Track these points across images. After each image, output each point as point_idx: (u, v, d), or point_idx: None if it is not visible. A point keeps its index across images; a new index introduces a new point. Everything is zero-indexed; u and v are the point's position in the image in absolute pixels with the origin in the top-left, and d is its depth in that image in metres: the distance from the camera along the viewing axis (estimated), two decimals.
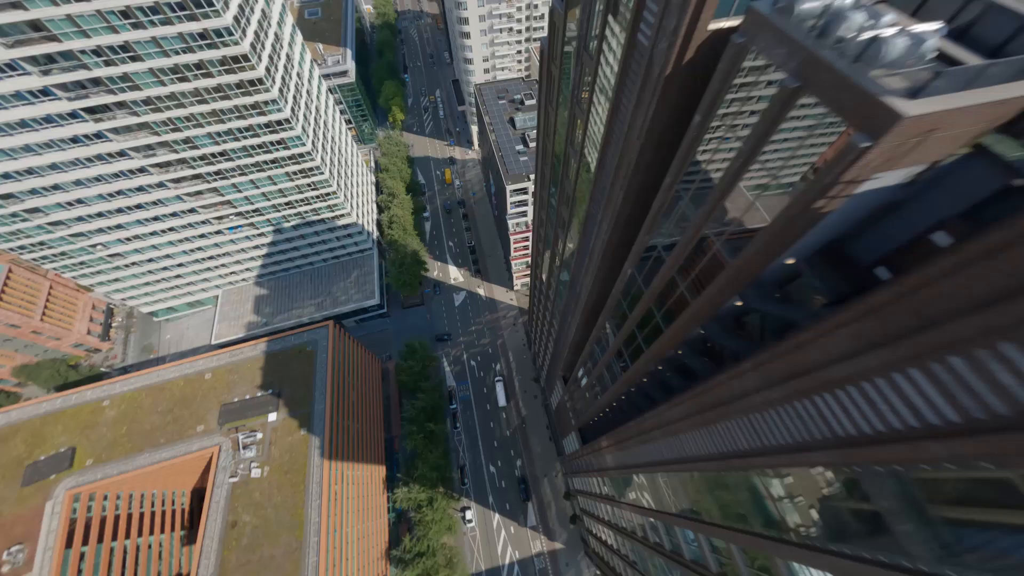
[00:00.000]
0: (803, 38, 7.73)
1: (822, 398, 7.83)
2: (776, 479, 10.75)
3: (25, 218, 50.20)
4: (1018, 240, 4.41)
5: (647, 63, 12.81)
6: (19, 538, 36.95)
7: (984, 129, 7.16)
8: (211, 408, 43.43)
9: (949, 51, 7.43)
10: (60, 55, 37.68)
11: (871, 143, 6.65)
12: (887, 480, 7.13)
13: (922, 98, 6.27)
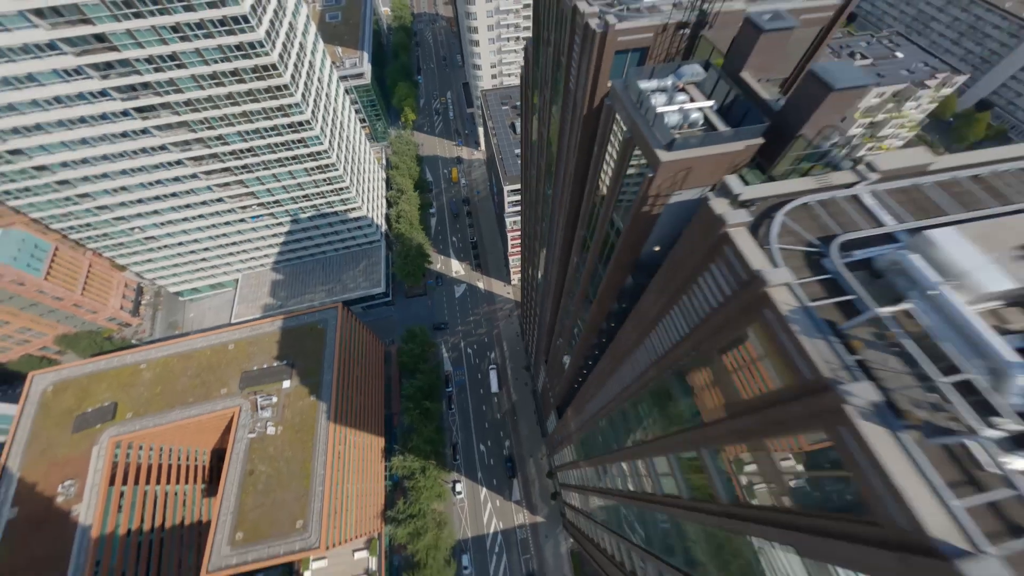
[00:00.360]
0: (631, 108, 12.63)
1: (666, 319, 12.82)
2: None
3: (76, 202, 56.85)
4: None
5: (572, 103, 17.78)
6: (71, 475, 43.32)
7: (730, 166, 11.97)
8: (233, 374, 49.38)
9: (713, 120, 12.24)
10: (118, 62, 43.75)
11: (652, 174, 11.56)
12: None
13: (673, 150, 11.14)
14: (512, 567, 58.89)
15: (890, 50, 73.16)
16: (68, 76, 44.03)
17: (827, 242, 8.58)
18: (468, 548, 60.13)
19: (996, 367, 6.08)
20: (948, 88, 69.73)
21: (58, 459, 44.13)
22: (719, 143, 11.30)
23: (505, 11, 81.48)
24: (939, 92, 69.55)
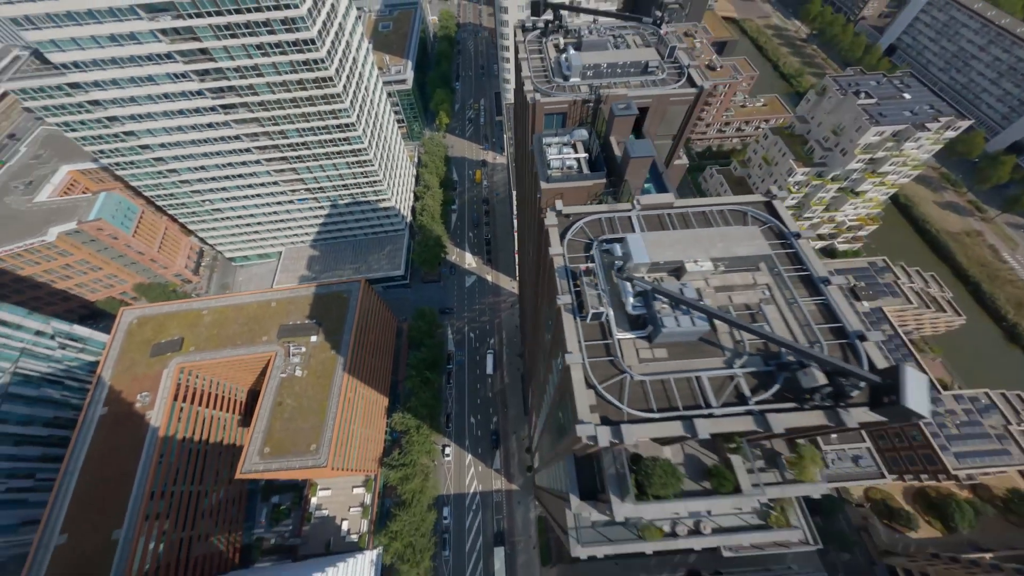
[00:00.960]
0: (537, 153, 20.76)
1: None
2: None
3: (165, 175, 70.15)
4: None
5: (525, 147, 26.01)
6: (146, 389, 55.39)
7: (590, 195, 19.87)
8: (273, 326, 60.38)
9: (583, 166, 20.16)
10: (214, 70, 55.60)
11: (539, 195, 19.74)
12: None
13: (549, 183, 19.26)
14: (485, 524, 67.08)
15: (899, 90, 76.00)
16: (176, 78, 56.28)
17: (596, 237, 16.47)
18: (450, 502, 68.85)
19: (626, 292, 13.98)
20: (951, 132, 71.92)
21: (138, 375, 56.41)
22: (578, 180, 19.28)
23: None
24: (942, 135, 71.94)
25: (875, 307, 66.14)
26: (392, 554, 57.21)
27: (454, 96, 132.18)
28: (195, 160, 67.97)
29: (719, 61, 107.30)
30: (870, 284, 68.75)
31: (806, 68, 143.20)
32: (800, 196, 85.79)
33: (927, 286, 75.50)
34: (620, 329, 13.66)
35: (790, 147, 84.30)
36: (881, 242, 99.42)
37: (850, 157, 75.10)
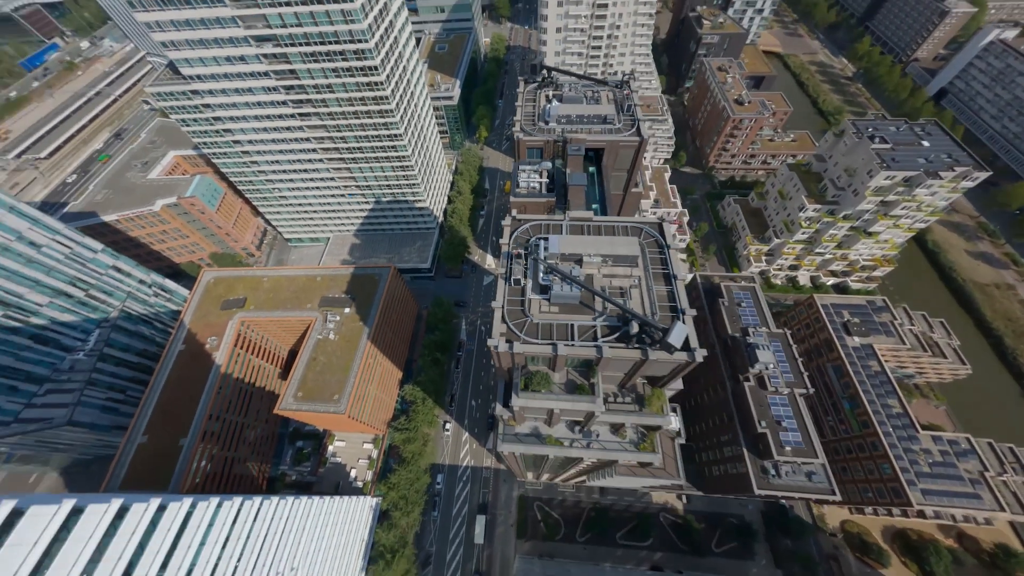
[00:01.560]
0: (514, 175, 29.14)
1: None
2: None
3: (248, 165, 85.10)
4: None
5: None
6: (214, 334, 68.45)
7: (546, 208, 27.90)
8: (316, 297, 72.14)
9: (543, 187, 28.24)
10: (297, 85, 68.93)
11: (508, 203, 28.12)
12: None
13: (514, 196, 27.60)
14: (472, 494, 74.64)
15: (918, 137, 77.51)
16: (268, 91, 70.15)
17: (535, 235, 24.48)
18: (444, 471, 77.12)
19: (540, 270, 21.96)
20: (969, 182, 72.48)
21: (209, 323, 69.77)
22: (537, 197, 27.41)
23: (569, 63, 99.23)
24: (958, 184, 72.71)
25: (865, 343, 67.95)
26: (388, 502, 66.18)
27: (495, 112, 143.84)
28: (272, 155, 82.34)
29: (748, 96, 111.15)
30: (865, 321, 70.39)
31: (847, 106, 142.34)
32: (811, 231, 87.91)
33: (931, 330, 75.41)
34: (533, 293, 21.50)
35: (804, 183, 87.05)
36: (901, 285, 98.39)
37: (861, 198, 77.22)
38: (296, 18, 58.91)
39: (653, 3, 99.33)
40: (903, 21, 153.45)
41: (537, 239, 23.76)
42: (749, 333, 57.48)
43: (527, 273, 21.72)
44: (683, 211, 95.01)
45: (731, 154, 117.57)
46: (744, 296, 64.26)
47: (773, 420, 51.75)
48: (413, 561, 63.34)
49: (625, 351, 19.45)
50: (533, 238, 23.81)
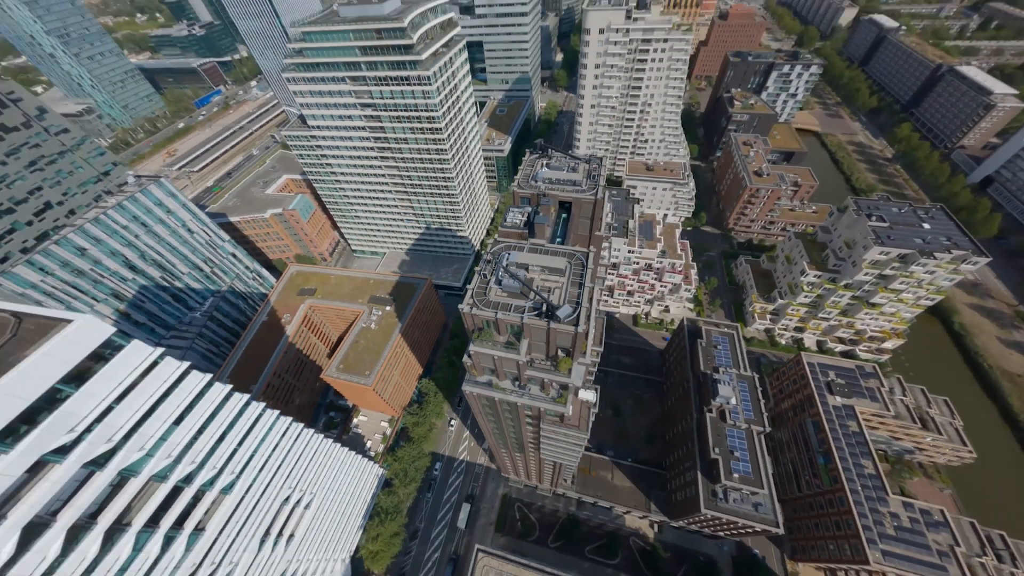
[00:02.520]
0: (509, 213, 42.85)
1: None
2: None
3: (337, 190, 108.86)
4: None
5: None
6: (289, 312, 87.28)
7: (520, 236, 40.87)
8: (366, 295, 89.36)
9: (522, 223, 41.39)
10: (383, 137, 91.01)
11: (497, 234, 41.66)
12: None
13: (502, 227, 41.07)
14: (463, 485, 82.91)
15: (920, 220, 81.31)
16: (362, 139, 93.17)
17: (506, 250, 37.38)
18: (442, 460, 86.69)
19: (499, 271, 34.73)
20: (969, 265, 74.33)
21: (287, 305, 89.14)
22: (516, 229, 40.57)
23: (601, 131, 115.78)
24: (958, 266, 74.85)
25: (847, 404, 69.71)
26: (392, 471, 77.00)
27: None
28: (356, 184, 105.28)
29: (767, 169, 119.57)
30: (849, 383, 72.16)
31: (882, 185, 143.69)
32: (813, 295, 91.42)
33: (928, 405, 74.32)
34: (493, 283, 33.97)
35: (808, 251, 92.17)
36: (919, 363, 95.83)
37: (859, 269, 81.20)
38: (391, 95, 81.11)
39: (681, 87, 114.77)
40: (948, 111, 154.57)
41: (504, 252, 36.62)
42: (718, 371, 63.93)
43: (493, 271, 34.45)
44: (691, 264, 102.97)
45: (750, 219, 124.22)
46: (721, 340, 70.68)
47: (727, 449, 56.86)
48: (403, 526, 72.50)
49: (536, 320, 30.81)
50: (503, 252, 36.72)
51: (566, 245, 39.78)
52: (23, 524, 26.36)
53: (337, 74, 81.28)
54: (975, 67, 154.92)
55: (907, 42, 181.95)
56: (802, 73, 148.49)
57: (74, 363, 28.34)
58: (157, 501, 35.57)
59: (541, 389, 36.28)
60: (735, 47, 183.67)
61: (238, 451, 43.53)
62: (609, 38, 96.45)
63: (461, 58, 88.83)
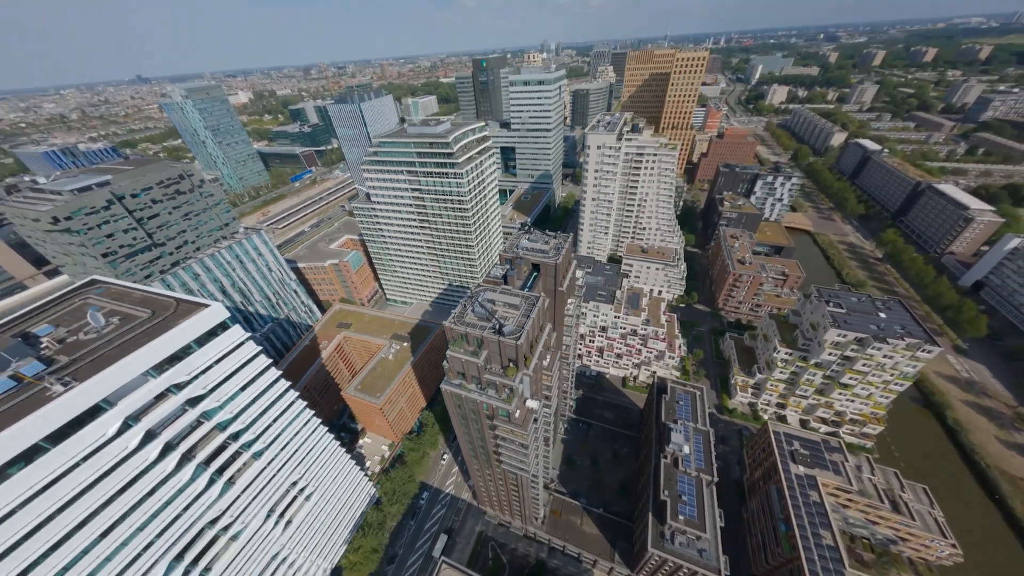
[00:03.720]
0: (494, 267, 58.44)
1: None
2: None
3: (383, 249, 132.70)
4: None
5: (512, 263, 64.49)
6: (327, 340, 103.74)
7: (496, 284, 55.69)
8: (390, 332, 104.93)
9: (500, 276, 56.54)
10: (424, 211, 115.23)
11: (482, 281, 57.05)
12: None
13: (484, 279, 56.51)
14: (445, 517, 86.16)
15: (876, 309, 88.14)
16: (408, 213, 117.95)
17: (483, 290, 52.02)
18: (429, 491, 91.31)
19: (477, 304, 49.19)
20: (924, 353, 78.62)
21: (326, 334, 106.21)
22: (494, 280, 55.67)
23: (601, 217, 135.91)
24: (913, 353, 79.38)
25: (810, 474, 70.93)
26: (382, 491, 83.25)
27: None
28: (399, 246, 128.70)
29: (751, 258, 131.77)
30: (813, 454, 73.63)
31: (872, 281, 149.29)
32: (788, 372, 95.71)
33: (902, 490, 72.71)
34: (469, 311, 47.84)
35: (780, 331, 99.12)
36: (909, 454, 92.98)
37: (823, 349, 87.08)
38: (434, 183, 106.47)
39: (672, 188, 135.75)
40: (932, 221, 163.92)
41: (481, 291, 51.25)
42: (676, 422, 70.07)
43: (471, 304, 48.81)
44: (675, 334, 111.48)
45: (737, 300, 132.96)
46: (684, 396, 77.11)
47: (676, 493, 60.96)
48: (384, 546, 76.52)
49: (491, 335, 43.63)
50: (480, 292, 51.38)
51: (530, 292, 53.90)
52: (145, 428, 40.20)
53: (398, 168, 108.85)
54: (952, 185, 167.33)
55: (890, 162, 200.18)
56: (784, 182, 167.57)
57: (202, 331, 44.28)
58: (212, 447, 48.19)
59: (496, 392, 47.25)
60: (731, 160, 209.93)
61: (273, 425, 56.07)
62: (604, 153, 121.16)
63: (489, 160, 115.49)
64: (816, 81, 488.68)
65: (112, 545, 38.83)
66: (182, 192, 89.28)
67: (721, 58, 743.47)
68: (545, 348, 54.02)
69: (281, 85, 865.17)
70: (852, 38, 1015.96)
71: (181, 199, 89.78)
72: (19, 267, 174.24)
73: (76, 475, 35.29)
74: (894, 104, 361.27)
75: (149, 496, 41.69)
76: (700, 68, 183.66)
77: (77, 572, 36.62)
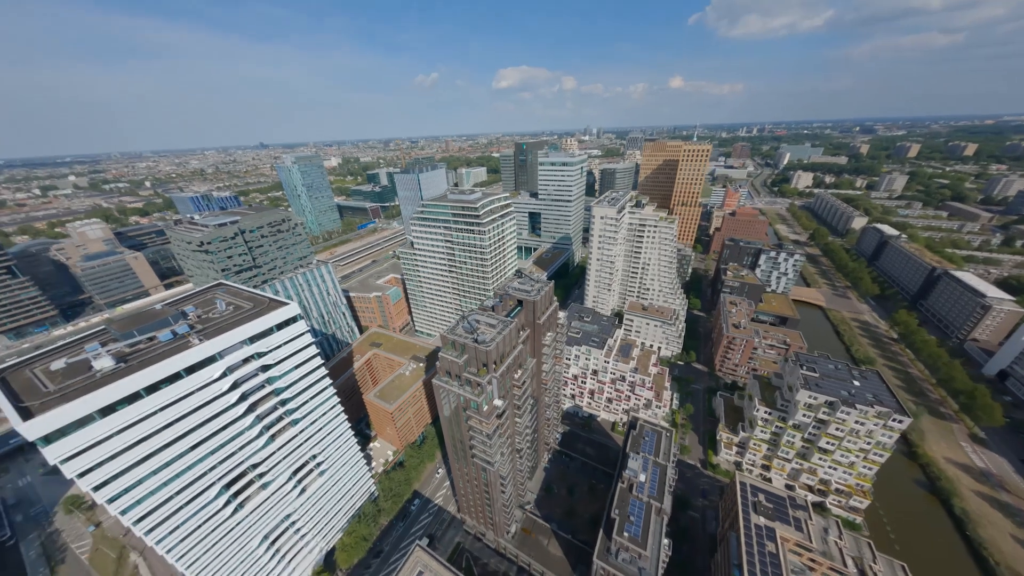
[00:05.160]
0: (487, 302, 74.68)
1: None
2: None
3: (419, 287, 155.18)
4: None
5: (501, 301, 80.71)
6: (360, 355, 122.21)
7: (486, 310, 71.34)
8: (411, 354, 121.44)
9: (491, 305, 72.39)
10: (453, 259, 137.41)
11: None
12: None
13: (477, 308, 72.64)
14: (430, 525, 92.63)
15: (852, 377, 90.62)
16: (441, 259, 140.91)
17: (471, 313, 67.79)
18: (421, 498, 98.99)
19: (467, 325, 64.97)
20: (895, 423, 79.27)
21: (360, 350, 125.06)
22: (486, 308, 71.53)
23: (603, 278, 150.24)
24: (885, 422, 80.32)
25: (770, 526, 71.55)
26: (380, 488, 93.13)
27: (568, 296, 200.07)
28: (431, 284, 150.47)
29: (746, 324, 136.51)
30: (777, 508, 74.09)
31: (884, 359, 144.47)
32: (769, 432, 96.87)
33: (874, 561, 69.71)
34: (461, 327, 63.21)
35: (762, 391, 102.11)
36: (905, 536, 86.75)
37: (797, 410, 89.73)
38: (463, 237, 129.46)
39: (673, 255, 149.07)
40: (952, 307, 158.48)
41: (471, 314, 67.14)
42: (637, 453, 76.30)
43: (463, 320, 64.62)
44: (664, 386, 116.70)
45: (733, 363, 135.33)
46: (651, 434, 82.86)
47: (626, 513, 66.28)
48: (374, 534, 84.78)
49: (471, 342, 58.17)
50: (470, 314, 67.29)
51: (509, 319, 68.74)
52: (235, 379, 58.27)
53: (437, 224, 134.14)
54: (969, 273, 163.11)
55: (907, 247, 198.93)
56: (787, 258, 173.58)
57: (281, 320, 63.65)
58: (268, 406, 64.99)
59: (471, 389, 60.21)
60: (743, 236, 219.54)
61: (310, 402, 72.29)
62: (606, 222, 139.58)
63: (509, 222, 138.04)
64: (844, 169, 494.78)
65: (196, 457, 54.94)
66: (281, 231, 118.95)
67: (751, 145, 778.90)
68: (516, 363, 67.09)
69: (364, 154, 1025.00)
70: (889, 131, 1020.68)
71: (279, 236, 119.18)
72: (149, 278, 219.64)
73: (192, 399, 53.07)
74: (926, 193, 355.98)
75: (223, 430, 58.19)
76: (704, 157, 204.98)
77: (171, 471, 52.63)
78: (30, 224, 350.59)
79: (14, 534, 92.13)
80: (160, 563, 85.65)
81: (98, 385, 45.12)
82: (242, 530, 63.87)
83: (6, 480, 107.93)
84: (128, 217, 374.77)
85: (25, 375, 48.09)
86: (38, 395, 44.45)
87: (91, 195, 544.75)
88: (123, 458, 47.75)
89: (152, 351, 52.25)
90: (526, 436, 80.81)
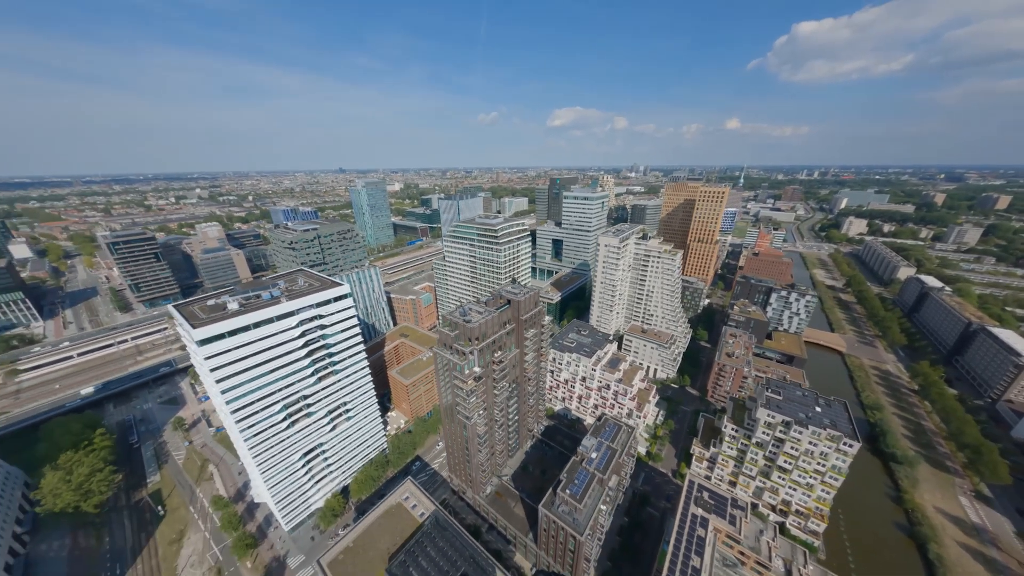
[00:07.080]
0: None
1: None
2: None
3: (447, 292, 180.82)
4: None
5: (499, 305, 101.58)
6: (391, 342, 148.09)
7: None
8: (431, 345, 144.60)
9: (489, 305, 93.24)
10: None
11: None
12: None
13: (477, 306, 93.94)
14: (425, 483, 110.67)
15: (816, 404, 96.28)
16: (465, 269, 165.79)
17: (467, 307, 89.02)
18: (421, 461, 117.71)
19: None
20: (846, 447, 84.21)
21: (392, 338, 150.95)
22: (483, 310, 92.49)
23: (606, 300, 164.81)
24: (836, 444, 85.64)
25: (704, 516, 79.93)
26: (391, 446, 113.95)
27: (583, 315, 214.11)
28: (456, 289, 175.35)
29: (740, 354, 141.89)
30: (717, 504, 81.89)
31: (894, 408, 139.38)
32: (735, 448, 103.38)
33: (804, 566, 74.57)
34: (459, 314, 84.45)
35: (734, 411, 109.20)
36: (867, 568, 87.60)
37: (758, 427, 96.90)
38: (484, 253, 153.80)
39: (678, 284, 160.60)
40: (987, 365, 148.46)
41: (467, 305, 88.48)
42: (596, 438, 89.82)
43: (461, 308, 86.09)
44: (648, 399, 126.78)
45: (724, 390, 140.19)
46: (613, 425, 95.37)
47: (572, 478, 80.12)
48: (381, 479, 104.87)
49: (461, 321, 78.65)
50: (467, 307, 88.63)
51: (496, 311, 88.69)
52: (303, 329, 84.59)
53: (464, 241, 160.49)
54: (1009, 330, 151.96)
55: (948, 300, 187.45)
56: (799, 298, 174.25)
57: (336, 295, 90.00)
58: (320, 354, 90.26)
59: (458, 357, 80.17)
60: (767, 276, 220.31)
61: (349, 359, 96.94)
62: (609, 250, 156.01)
63: (525, 243, 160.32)
64: (909, 218, 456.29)
65: (272, 379, 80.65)
66: (346, 239, 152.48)
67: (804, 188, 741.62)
68: (496, 345, 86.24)
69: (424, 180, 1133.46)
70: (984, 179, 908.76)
71: (344, 242, 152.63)
72: (244, 271, 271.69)
73: (276, 338, 79.43)
74: (1006, 249, 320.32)
75: (290, 364, 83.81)
76: (721, 199, 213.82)
77: (257, 383, 78.47)
78: (166, 224, 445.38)
79: (139, 439, 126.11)
80: (227, 474, 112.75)
81: (229, 317, 72.73)
82: (291, 442, 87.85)
83: (136, 403, 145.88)
84: (233, 223, 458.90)
85: (190, 308, 77.81)
86: (198, 319, 73.00)
87: (209, 204, 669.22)
88: (236, 366, 74.22)
89: (259, 304, 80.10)
90: (504, 411, 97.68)
